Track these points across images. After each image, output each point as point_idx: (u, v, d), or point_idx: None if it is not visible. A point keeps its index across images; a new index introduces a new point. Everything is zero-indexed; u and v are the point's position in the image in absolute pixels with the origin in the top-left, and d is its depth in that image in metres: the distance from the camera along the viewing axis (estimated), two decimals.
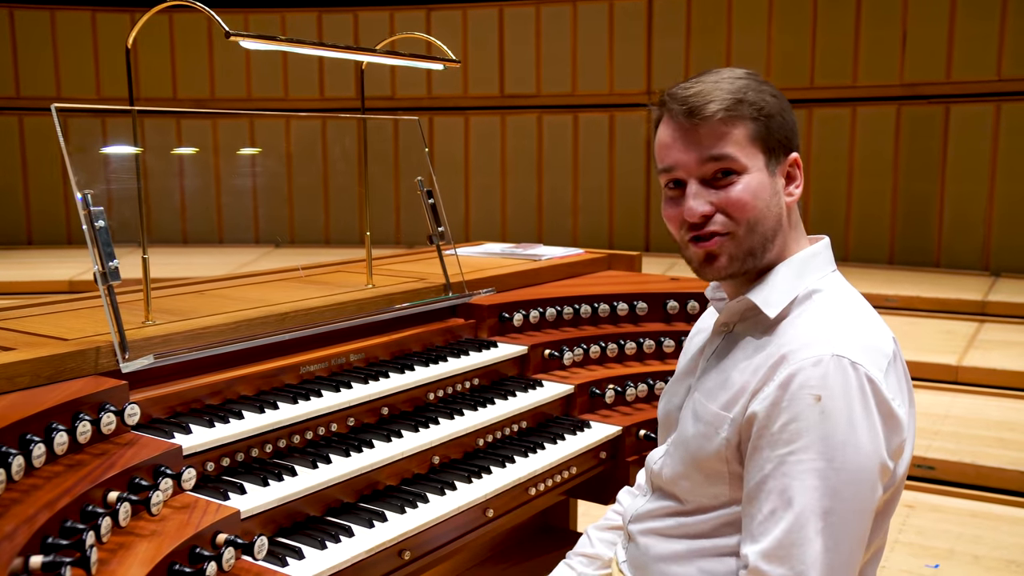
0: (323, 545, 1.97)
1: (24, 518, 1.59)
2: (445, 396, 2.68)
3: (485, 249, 3.91)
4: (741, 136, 1.67)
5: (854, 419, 1.54)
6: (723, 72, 1.74)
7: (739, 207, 1.68)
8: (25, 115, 10.04)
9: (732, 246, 1.70)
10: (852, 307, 1.70)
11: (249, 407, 2.22)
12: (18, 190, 10.18)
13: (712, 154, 1.68)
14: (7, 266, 8.94)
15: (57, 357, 2.03)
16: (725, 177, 1.68)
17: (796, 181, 1.75)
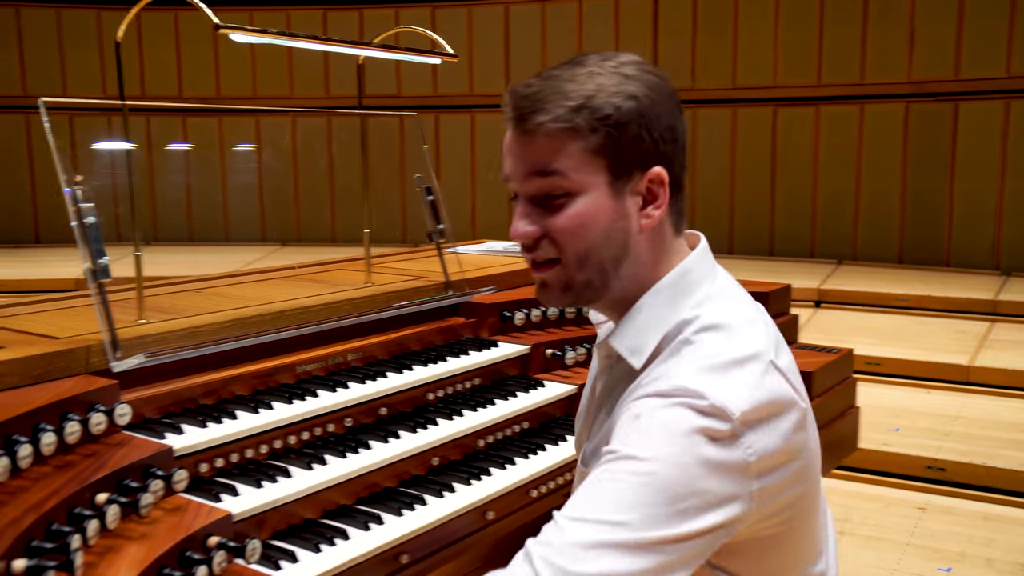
0: (317, 548, 1.93)
1: (9, 520, 1.55)
2: (445, 396, 2.63)
3: (488, 247, 3.87)
4: (576, 151, 1.42)
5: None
6: (585, 64, 1.47)
7: (565, 235, 1.44)
8: (32, 114, 10.01)
9: (563, 277, 1.49)
10: (724, 342, 1.43)
11: (244, 407, 2.18)
12: (25, 188, 10.17)
13: (537, 170, 1.44)
14: (14, 264, 8.93)
15: (47, 356, 1.99)
16: (557, 198, 1.44)
17: (657, 201, 1.47)
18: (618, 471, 1.32)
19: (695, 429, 1.31)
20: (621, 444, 1.35)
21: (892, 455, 4.93)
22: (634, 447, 1.32)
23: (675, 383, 1.36)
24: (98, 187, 2.14)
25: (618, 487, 1.30)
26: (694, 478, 1.30)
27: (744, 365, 1.39)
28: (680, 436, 1.31)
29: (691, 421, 1.32)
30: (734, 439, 1.32)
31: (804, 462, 1.44)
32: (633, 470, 1.30)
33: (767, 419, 1.36)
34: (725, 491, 1.32)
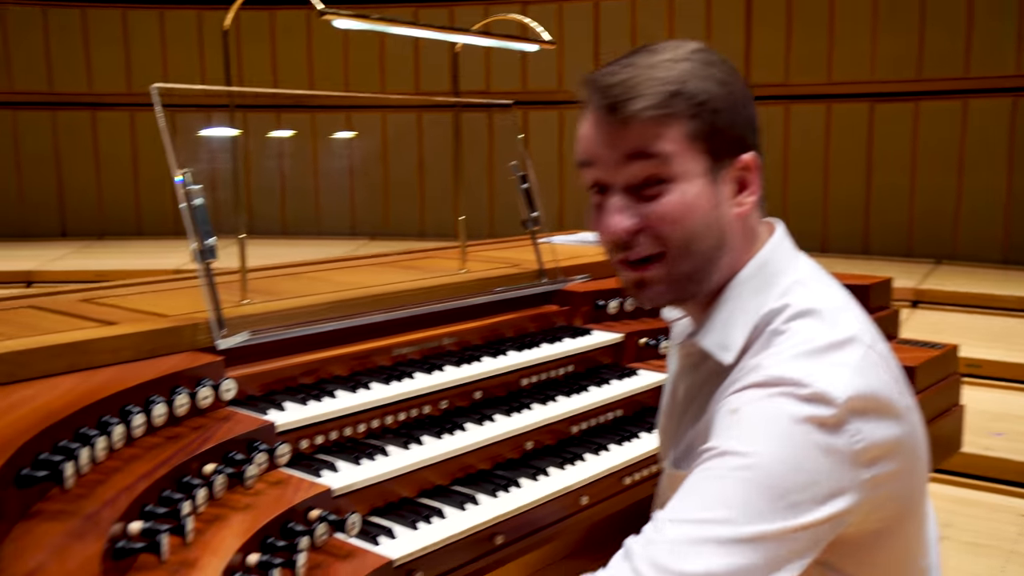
0: (414, 526, 1.96)
1: (124, 486, 1.61)
2: (538, 382, 2.64)
3: (580, 237, 3.86)
4: (676, 136, 1.38)
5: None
6: (662, 51, 1.43)
7: (669, 223, 1.39)
8: (136, 111, 10.37)
9: (666, 271, 1.42)
10: (818, 327, 1.38)
11: (342, 387, 2.22)
12: (129, 182, 10.53)
13: (637, 152, 1.38)
14: (119, 255, 9.26)
15: (157, 332, 2.06)
16: (654, 186, 1.39)
17: (749, 188, 1.44)
18: (719, 468, 1.27)
19: (799, 419, 1.26)
20: (720, 440, 1.30)
21: (995, 460, 4.76)
22: (734, 442, 1.28)
23: (772, 373, 1.31)
24: (203, 172, 2.21)
25: (720, 484, 1.26)
26: (800, 471, 1.25)
27: (842, 349, 1.34)
28: (783, 428, 1.26)
29: (794, 411, 1.27)
30: (840, 426, 1.27)
31: (912, 451, 1.39)
32: (735, 465, 1.26)
33: (872, 405, 1.30)
34: (833, 482, 1.26)
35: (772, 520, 1.23)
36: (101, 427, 1.68)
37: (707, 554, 1.21)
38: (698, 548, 1.21)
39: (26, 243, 9.77)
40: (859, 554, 1.38)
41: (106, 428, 1.67)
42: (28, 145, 10.28)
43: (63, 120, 10.31)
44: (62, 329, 2.04)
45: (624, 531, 3.01)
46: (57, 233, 10.33)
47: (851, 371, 1.31)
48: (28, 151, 10.28)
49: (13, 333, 2.00)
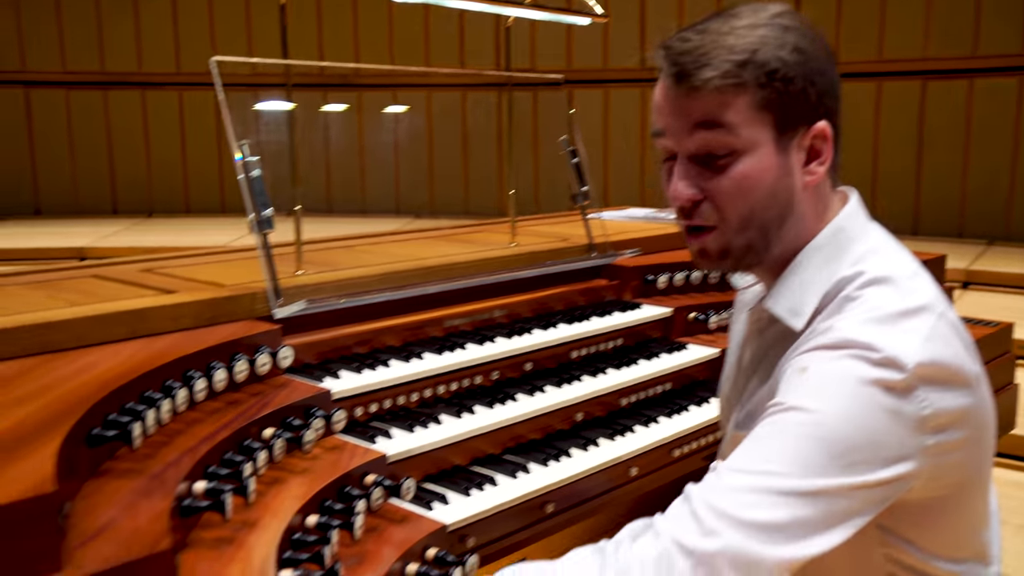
0: (467, 492, 1.98)
1: (187, 448, 1.65)
2: (588, 355, 2.65)
3: (629, 213, 3.86)
4: (743, 106, 1.38)
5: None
6: (740, 16, 1.42)
7: (729, 197, 1.41)
8: (184, 90, 10.49)
9: (722, 242, 1.45)
10: (891, 294, 1.38)
11: (396, 356, 2.25)
12: (178, 161, 10.66)
13: (703, 121, 1.40)
14: (170, 232, 9.40)
15: (216, 301, 2.10)
16: (720, 157, 1.41)
17: (821, 156, 1.45)
18: (784, 422, 1.29)
19: (868, 381, 1.27)
20: (787, 396, 1.32)
21: None
22: (802, 398, 1.29)
23: (843, 336, 1.32)
24: (258, 146, 2.23)
25: (784, 438, 1.28)
26: (865, 431, 1.26)
27: (915, 316, 1.34)
28: (851, 388, 1.27)
29: (864, 372, 1.28)
30: (908, 391, 1.28)
31: (980, 421, 1.38)
32: (801, 421, 1.27)
33: (942, 372, 1.31)
34: (897, 446, 1.28)
35: (831, 476, 1.24)
36: (164, 391, 1.72)
37: (765, 504, 1.23)
38: (757, 497, 1.23)
39: (79, 220, 9.95)
40: (920, 520, 1.39)
41: (169, 392, 1.71)
42: (79, 125, 10.44)
43: (114, 99, 10.46)
44: (123, 297, 2.09)
45: (668, 505, 3.01)
46: (108, 211, 10.51)
47: (922, 339, 1.31)
48: (80, 131, 10.44)
49: (77, 300, 2.05)
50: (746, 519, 1.22)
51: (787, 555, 1.23)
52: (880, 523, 1.37)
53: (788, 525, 1.22)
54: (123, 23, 10.32)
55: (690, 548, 1.21)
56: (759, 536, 1.21)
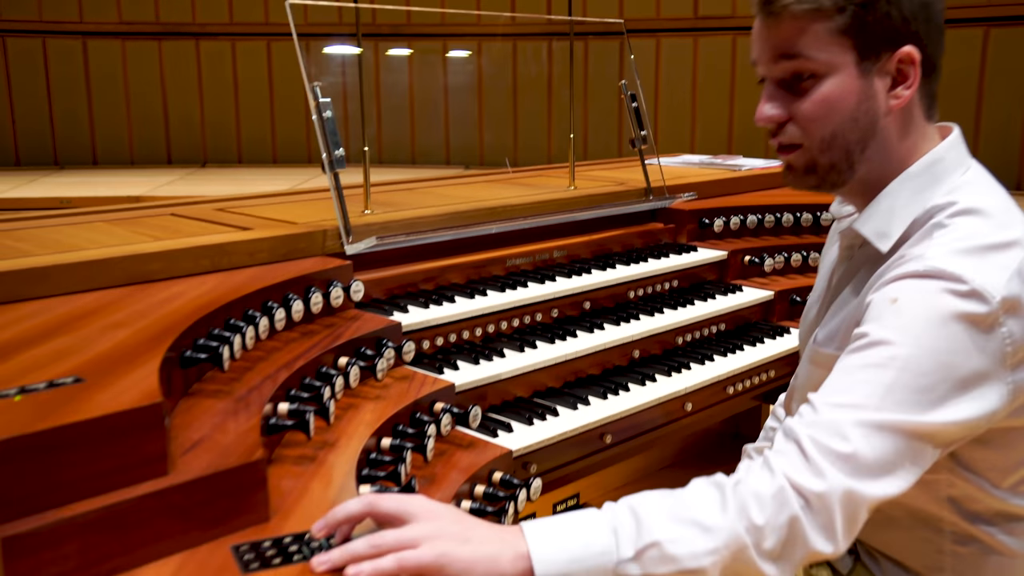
0: (530, 422, 2.07)
1: (268, 373, 1.75)
2: (645, 295, 2.71)
3: (683, 159, 3.89)
4: (822, 31, 1.41)
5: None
6: None
7: (810, 119, 1.46)
8: (237, 40, 10.59)
9: (806, 160, 1.50)
10: (982, 226, 1.40)
11: (460, 293, 2.33)
12: (231, 114, 10.78)
13: (782, 52, 1.45)
14: (222, 182, 9.55)
15: (290, 237, 2.19)
16: (804, 80, 1.45)
17: (907, 80, 1.44)
18: (874, 356, 1.33)
19: (954, 315, 1.30)
20: (876, 328, 1.35)
21: None
22: (890, 331, 1.33)
23: (933, 265, 1.35)
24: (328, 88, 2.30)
25: (874, 372, 1.31)
26: (950, 365, 1.30)
27: (1005, 251, 1.36)
28: (938, 322, 1.31)
29: (950, 306, 1.31)
30: (994, 326, 1.31)
31: None
32: (889, 355, 1.31)
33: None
34: (981, 380, 1.31)
35: (922, 412, 1.29)
36: (247, 320, 1.82)
37: (865, 440, 1.27)
38: (853, 431, 1.27)
39: (134, 170, 10.13)
40: (987, 449, 1.43)
41: (252, 321, 1.81)
42: (135, 76, 10.59)
43: (168, 50, 10.58)
44: (202, 234, 2.19)
45: (720, 445, 3.13)
46: (163, 161, 10.69)
47: (1011, 273, 1.34)
48: (135, 82, 10.59)
49: (160, 236, 2.15)
50: (848, 455, 1.26)
51: (884, 490, 1.27)
52: (952, 451, 1.42)
53: (885, 461, 1.27)
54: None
55: (801, 486, 1.26)
56: (861, 473, 1.26)
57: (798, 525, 1.24)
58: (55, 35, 10.44)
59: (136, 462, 1.26)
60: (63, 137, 10.35)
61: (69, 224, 2.31)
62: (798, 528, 1.24)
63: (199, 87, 10.64)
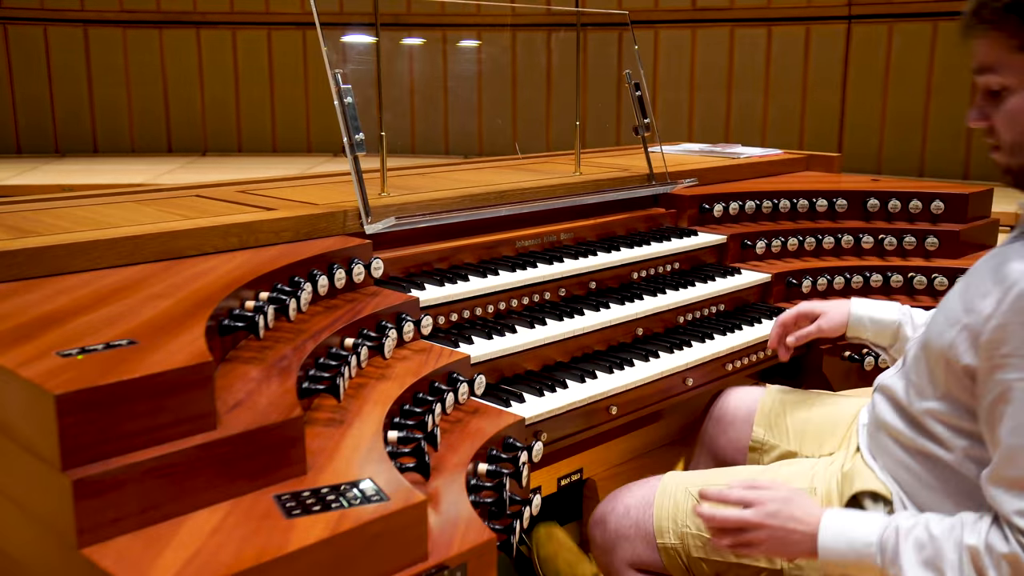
0: (541, 393, 2.18)
1: (297, 344, 1.86)
2: (648, 276, 2.83)
3: (683, 148, 4.00)
4: (1005, 48, 1.52)
5: None
6: None
7: (1003, 127, 1.58)
8: (238, 29, 10.66)
9: (1003, 160, 1.62)
10: None
11: (473, 272, 2.44)
12: (231, 102, 10.83)
13: (976, 67, 1.58)
14: (222, 170, 9.63)
15: (312, 217, 2.30)
16: (1000, 92, 1.56)
17: None
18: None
19: None
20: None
21: None
22: None
23: None
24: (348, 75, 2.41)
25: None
26: None
27: None
28: None
29: None
30: None
31: None
32: None
33: None
34: None
35: None
36: (278, 292, 1.93)
37: None
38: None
39: (135, 158, 10.21)
40: None
41: (283, 292, 1.92)
42: (136, 64, 10.65)
43: (169, 38, 10.65)
44: (229, 213, 2.30)
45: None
46: (163, 149, 10.77)
47: None
48: (136, 70, 10.66)
49: (189, 215, 2.26)
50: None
51: None
52: None
53: None
54: None
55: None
56: None
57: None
58: (56, 23, 10.48)
59: (188, 417, 1.37)
60: (64, 125, 10.42)
61: (102, 204, 2.42)
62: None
63: (200, 76, 10.72)
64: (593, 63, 9.85)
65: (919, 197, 3.27)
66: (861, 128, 9.27)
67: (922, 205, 3.26)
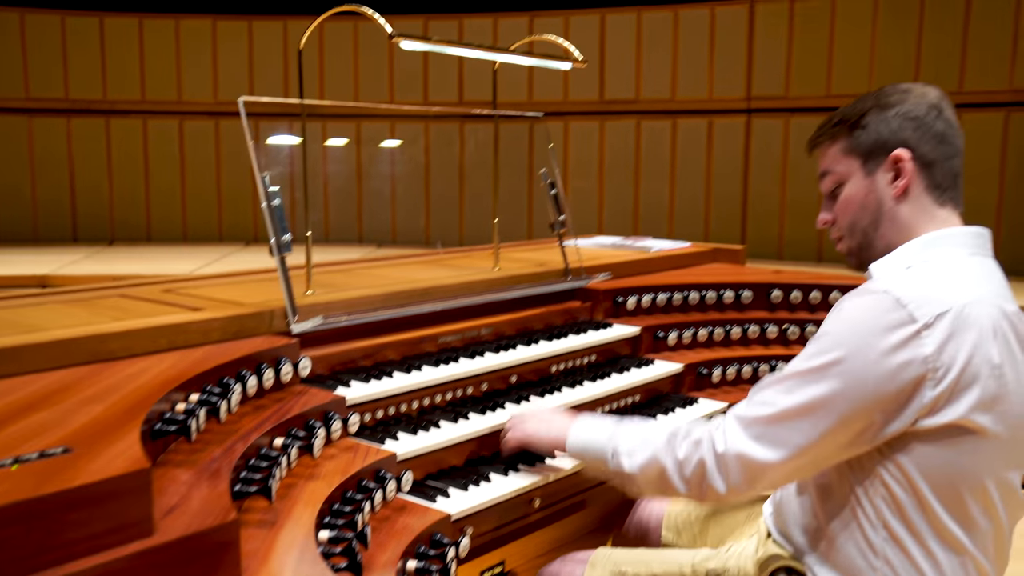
0: (466, 488, 2.23)
1: (227, 445, 1.88)
2: (566, 369, 2.92)
3: (597, 241, 4.15)
4: (837, 151, 1.96)
5: (863, 328, 1.73)
6: (879, 91, 1.95)
7: (840, 215, 1.98)
8: (149, 118, 10.63)
9: (845, 246, 2.00)
10: (945, 271, 1.80)
11: (398, 369, 2.50)
12: (141, 190, 10.74)
13: (820, 169, 2.01)
14: (133, 261, 9.49)
15: (240, 317, 2.34)
16: (836, 189, 1.98)
17: (901, 175, 1.88)
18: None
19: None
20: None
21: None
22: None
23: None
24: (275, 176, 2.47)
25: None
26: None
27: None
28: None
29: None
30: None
31: None
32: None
33: None
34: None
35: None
36: (208, 394, 1.96)
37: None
38: None
39: (39, 248, 10.00)
40: None
41: (214, 395, 1.95)
42: (41, 151, 10.51)
43: (77, 127, 10.55)
44: (156, 314, 2.32)
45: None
46: (69, 239, 10.58)
47: (940, 308, 1.75)
48: (42, 158, 10.51)
49: (119, 316, 2.28)
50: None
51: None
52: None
53: None
54: (88, 51, 10.44)
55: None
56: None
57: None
58: None
59: (126, 524, 1.39)
60: None
61: (25, 306, 2.42)
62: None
63: (108, 164, 10.62)
64: (505, 153, 10.11)
65: (819, 288, 3.46)
66: (762, 216, 9.69)
67: (821, 295, 3.45)
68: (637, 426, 2.09)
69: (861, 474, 1.82)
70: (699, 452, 1.90)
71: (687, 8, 9.81)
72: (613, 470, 2.07)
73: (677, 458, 1.93)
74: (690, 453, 1.91)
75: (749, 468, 1.84)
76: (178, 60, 10.54)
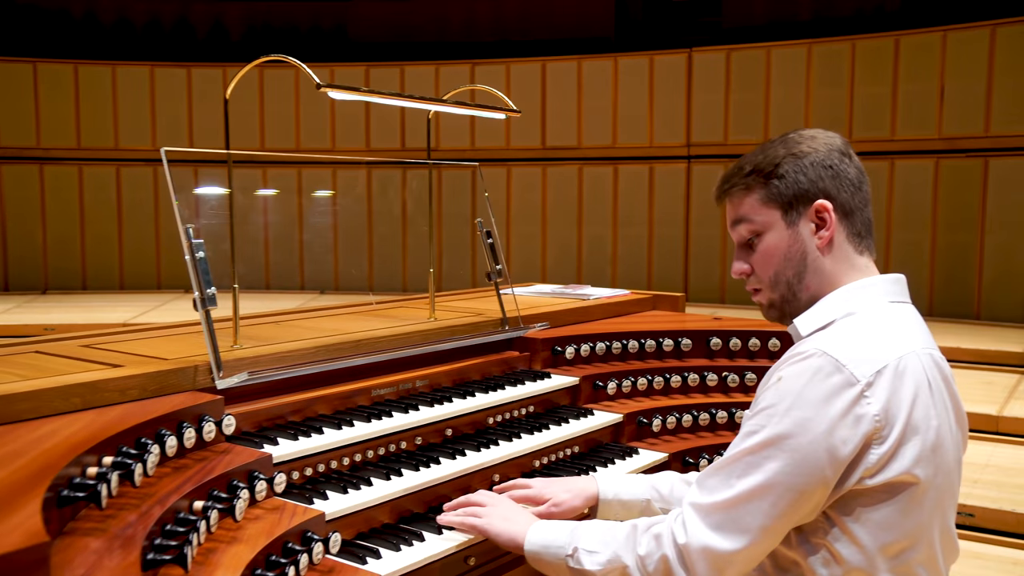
0: (398, 548, 2.16)
1: (142, 511, 1.79)
2: (504, 421, 2.87)
3: (536, 289, 4.12)
4: (755, 200, 1.91)
5: (807, 397, 1.70)
6: (784, 138, 1.93)
7: (759, 266, 1.92)
8: (85, 165, 10.43)
9: (766, 298, 1.95)
10: (874, 324, 1.79)
11: (328, 424, 2.42)
12: (76, 239, 10.52)
13: (733, 218, 1.95)
14: (66, 309, 9.27)
15: (161, 373, 2.25)
16: (753, 239, 1.92)
17: (825, 225, 1.87)
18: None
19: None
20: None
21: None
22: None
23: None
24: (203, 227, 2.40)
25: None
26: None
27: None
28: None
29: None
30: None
31: None
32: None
33: None
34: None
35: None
36: (123, 456, 1.86)
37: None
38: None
39: None
40: None
41: (128, 457, 1.85)
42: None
43: (9, 173, 10.32)
44: (71, 371, 2.22)
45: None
46: (0, 287, 10.31)
47: (878, 365, 1.75)
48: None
49: (29, 375, 2.17)
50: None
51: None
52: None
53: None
54: (21, 97, 10.26)
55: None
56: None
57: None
58: None
59: None
60: None
61: None
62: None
63: (42, 211, 10.40)
64: (448, 200, 10.10)
65: (757, 336, 3.45)
66: (704, 260, 9.78)
67: (760, 343, 3.44)
68: (599, 523, 2.02)
69: (808, 539, 1.79)
70: (661, 548, 1.83)
71: (627, 56, 9.95)
72: (573, 569, 1.97)
73: (639, 554, 1.87)
74: (652, 549, 1.85)
75: (715, 561, 1.77)
76: (115, 106, 10.40)
